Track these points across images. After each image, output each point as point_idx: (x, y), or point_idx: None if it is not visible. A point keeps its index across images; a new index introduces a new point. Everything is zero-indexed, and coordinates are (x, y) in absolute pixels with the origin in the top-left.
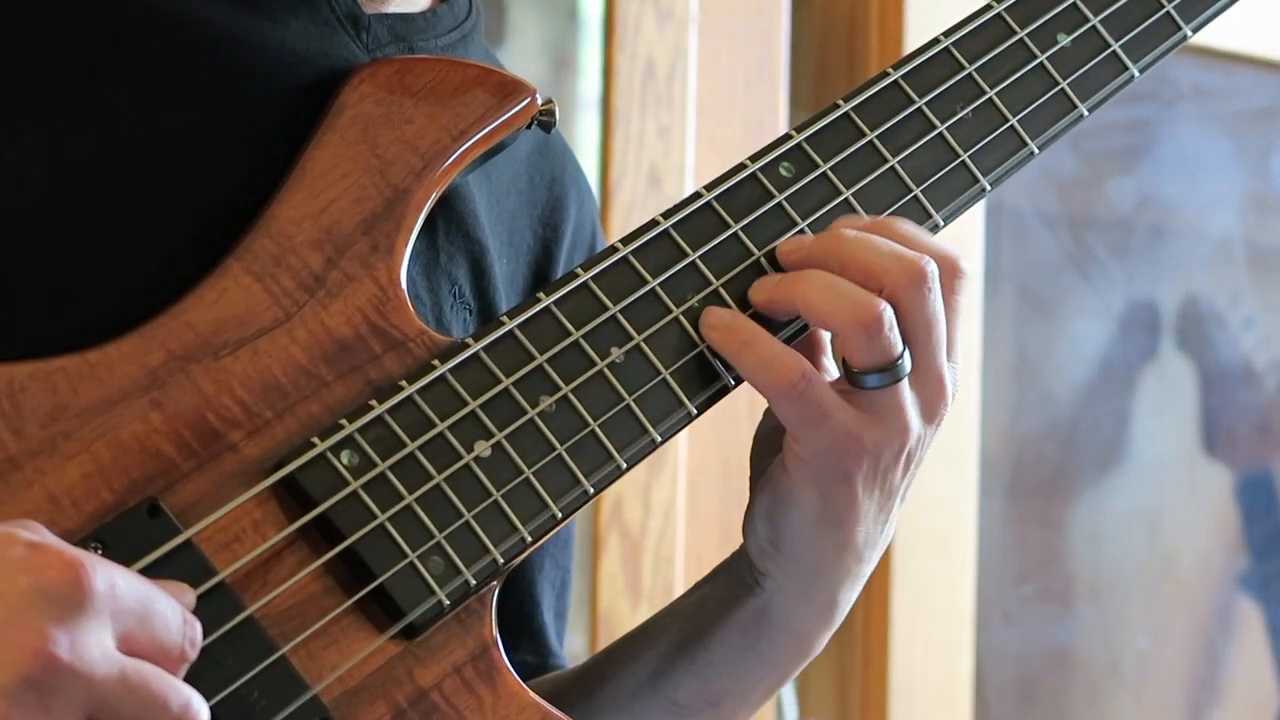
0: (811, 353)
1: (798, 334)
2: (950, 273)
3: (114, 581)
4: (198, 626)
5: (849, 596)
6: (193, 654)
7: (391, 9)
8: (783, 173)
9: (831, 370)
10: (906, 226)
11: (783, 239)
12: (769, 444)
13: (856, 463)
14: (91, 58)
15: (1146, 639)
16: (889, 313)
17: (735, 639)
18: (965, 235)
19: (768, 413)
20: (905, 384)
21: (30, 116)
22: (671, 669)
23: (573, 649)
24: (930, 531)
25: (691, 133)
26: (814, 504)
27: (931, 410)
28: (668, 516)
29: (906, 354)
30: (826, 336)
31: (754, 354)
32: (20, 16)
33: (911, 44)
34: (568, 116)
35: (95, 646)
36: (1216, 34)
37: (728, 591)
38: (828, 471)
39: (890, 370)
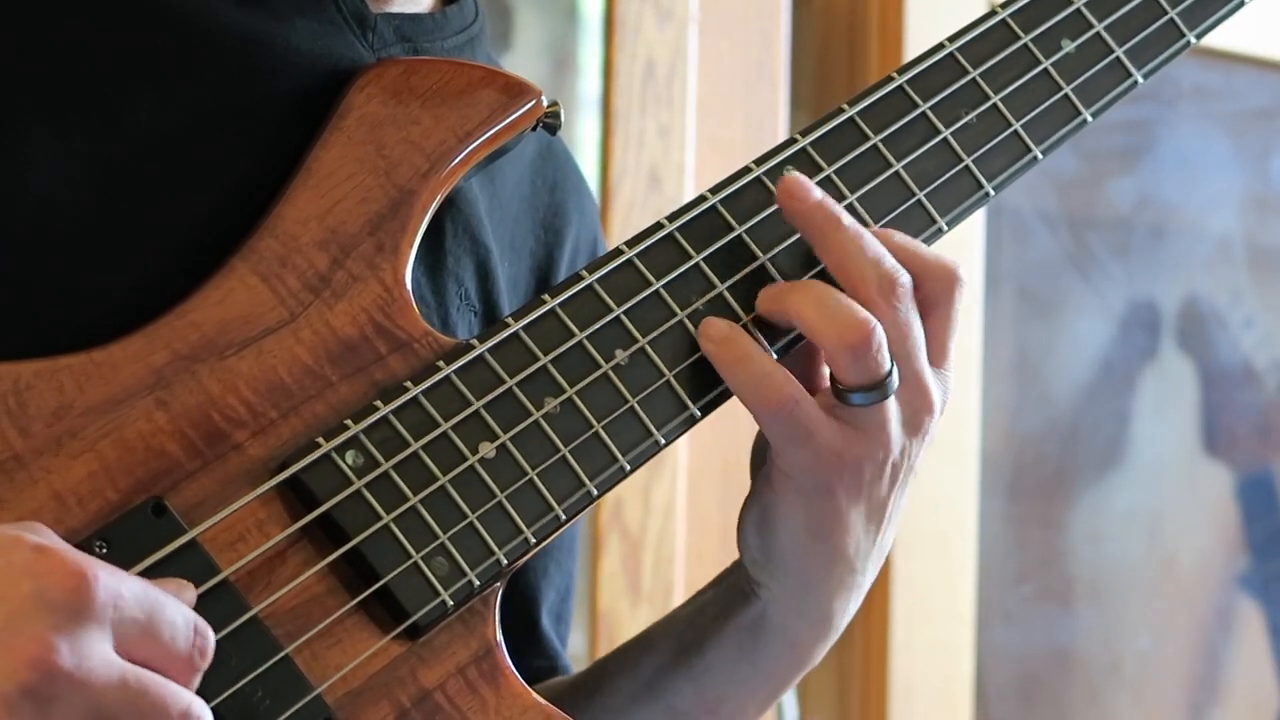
0: (809, 363)
1: (794, 342)
2: (947, 282)
3: (118, 590)
4: (209, 635)
5: (846, 608)
6: (203, 664)
7: (398, 9)
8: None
9: (827, 378)
10: (901, 237)
11: (793, 172)
12: (762, 454)
13: (839, 477)
14: (98, 56)
15: (1146, 639)
16: (879, 333)
17: (732, 648)
18: (965, 235)
19: None
20: (891, 399)
21: (36, 114)
22: (670, 676)
23: (573, 649)
24: (930, 531)
25: (691, 133)
26: (799, 517)
27: (916, 421)
28: (668, 516)
29: (895, 372)
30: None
31: (745, 371)
32: (26, 14)
33: (912, 44)
34: (568, 116)
35: (96, 654)
36: (1216, 34)
37: (725, 601)
38: (811, 486)
39: (878, 389)
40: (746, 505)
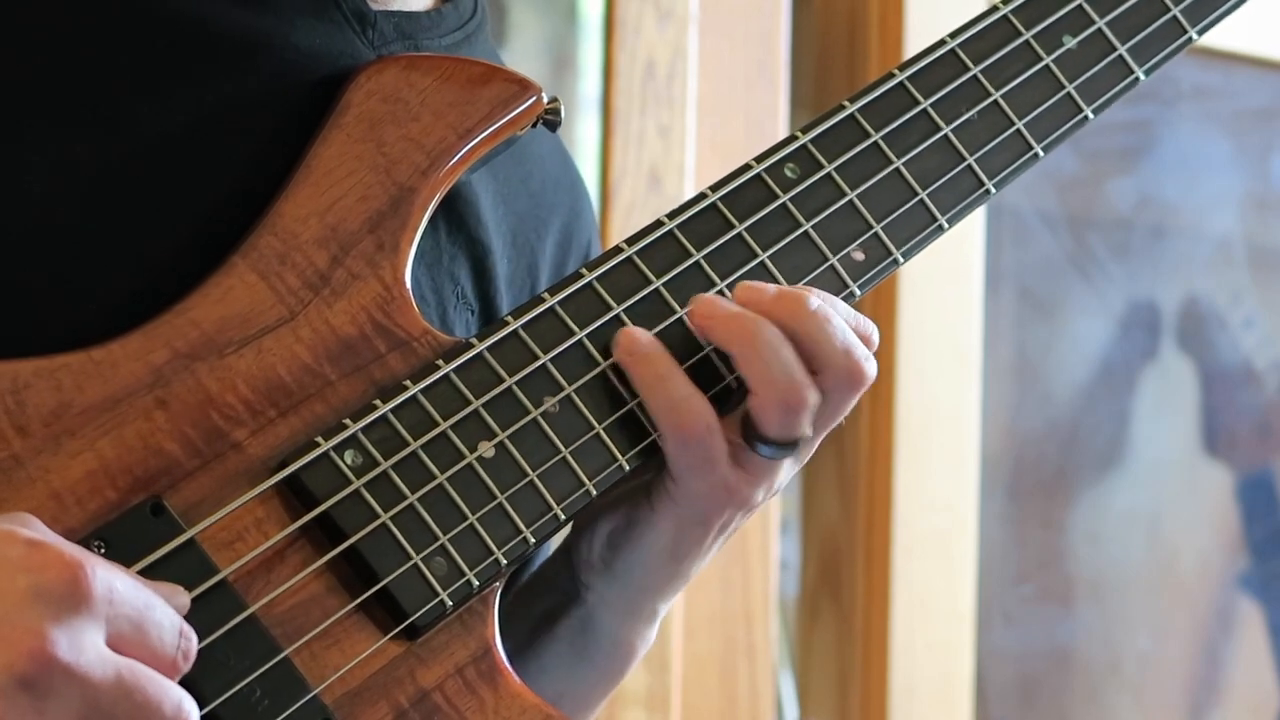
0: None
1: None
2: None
3: (112, 584)
4: (194, 640)
5: (669, 604)
6: (185, 666)
7: (397, 6)
8: (787, 174)
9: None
10: (852, 315)
11: (745, 280)
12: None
13: (719, 513)
14: (97, 56)
15: (1146, 639)
16: (814, 400)
17: (564, 649)
18: (965, 235)
19: None
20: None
21: (36, 115)
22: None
23: None
24: (930, 531)
25: (691, 133)
26: (665, 540)
27: (790, 468)
28: None
29: (807, 436)
30: None
31: (665, 391)
32: (26, 16)
33: (912, 43)
34: (568, 116)
35: (91, 648)
36: (1217, 34)
37: (551, 603)
38: (691, 515)
39: (789, 448)
40: (604, 513)
